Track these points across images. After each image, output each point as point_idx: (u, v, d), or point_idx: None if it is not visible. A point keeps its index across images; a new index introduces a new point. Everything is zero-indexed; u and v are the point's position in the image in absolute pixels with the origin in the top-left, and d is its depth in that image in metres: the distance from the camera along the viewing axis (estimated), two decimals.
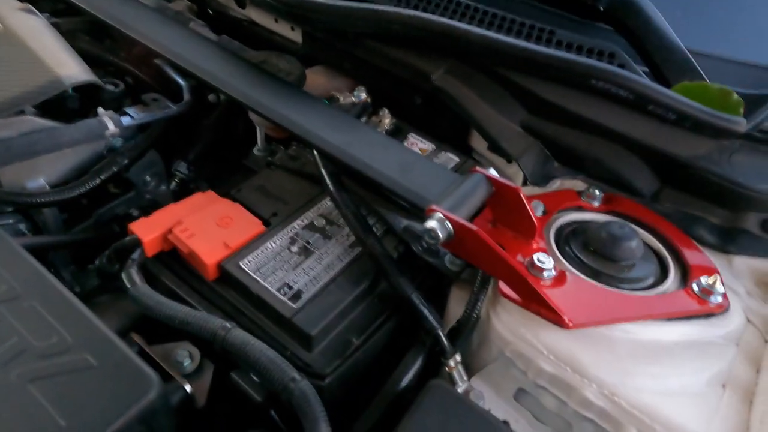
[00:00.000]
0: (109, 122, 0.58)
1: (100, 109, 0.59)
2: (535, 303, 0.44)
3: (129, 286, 0.48)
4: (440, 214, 0.45)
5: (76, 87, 0.64)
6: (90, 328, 0.40)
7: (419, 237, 0.54)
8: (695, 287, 0.48)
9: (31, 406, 0.35)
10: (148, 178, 0.70)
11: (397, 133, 0.67)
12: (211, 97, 0.80)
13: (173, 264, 0.52)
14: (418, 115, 0.70)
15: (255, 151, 0.69)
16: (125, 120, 0.60)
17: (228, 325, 0.44)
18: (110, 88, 0.65)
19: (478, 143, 0.68)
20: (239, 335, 0.43)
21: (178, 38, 0.67)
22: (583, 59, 0.56)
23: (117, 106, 0.63)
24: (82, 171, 0.62)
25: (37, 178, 0.59)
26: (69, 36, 0.69)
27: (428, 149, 0.65)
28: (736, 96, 0.55)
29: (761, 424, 0.41)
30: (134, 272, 0.49)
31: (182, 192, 0.72)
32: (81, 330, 0.40)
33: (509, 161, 0.65)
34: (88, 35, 0.74)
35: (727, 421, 0.41)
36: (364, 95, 0.69)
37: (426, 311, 0.48)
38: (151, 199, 0.71)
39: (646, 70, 0.63)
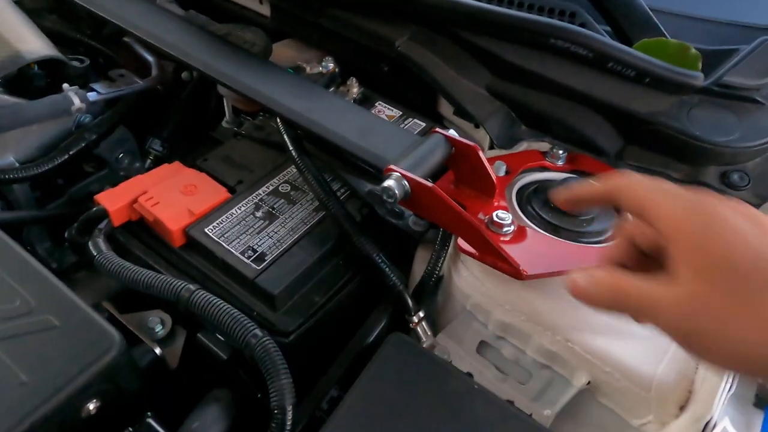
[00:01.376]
0: (74, 97, 0.58)
1: (66, 85, 0.59)
2: (491, 256, 0.45)
3: (95, 254, 0.49)
4: (398, 173, 0.46)
5: (42, 65, 0.64)
6: (52, 291, 0.41)
7: (382, 199, 0.56)
8: None
9: None
10: (120, 155, 0.71)
11: (365, 102, 0.68)
12: (185, 75, 0.81)
13: (140, 233, 0.53)
14: (386, 83, 0.70)
15: (223, 123, 0.70)
16: (91, 96, 0.60)
17: (192, 287, 0.45)
18: (75, 64, 0.65)
19: (446, 109, 0.68)
20: (202, 296, 0.44)
21: (144, 14, 0.67)
22: (541, 19, 0.56)
23: (83, 83, 0.63)
24: (51, 148, 0.62)
25: (6, 155, 0.59)
26: (34, 14, 0.69)
27: (396, 116, 0.66)
28: (694, 51, 0.56)
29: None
30: (100, 241, 0.50)
31: None
32: (44, 293, 0.41)
33: (476, 125, 0.65)
34: (53, 14, 0.74)
35: (676, 363, 0.43)
36: (332, 65, 0.69)
37: (388, 269, 0.49)
38: (125, 176, 0.72)
39: (609, 29, 0.64)
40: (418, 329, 0.50)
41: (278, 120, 0.55)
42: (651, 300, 0.30)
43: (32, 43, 0.58)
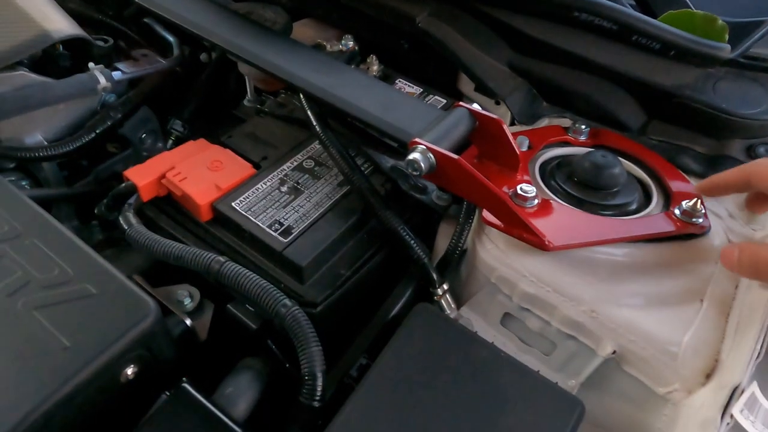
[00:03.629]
0: (100, 76, 0.59)
1: (91, 64, 0.60)
2: (516, 228, 0.46)
3: (126, 227, 0.50)
4: (423, 146, 0.46)
5: (67, 45, 0.65)
6: (89, 261, 0.42)
7: (405, 174, 0.56)
8: (676, 211, 0.49)
9: (37, 330, 0.38)
10: (143, 135, 0.72)
11: (385, 79, 0.68)
12: (203, 56, 0.81)
13: (168, 208, 0.54)
14: (406, 60, 0.70)
15: (245, 101, 0.70)
16: (116, 75, 0.61)
17: (221, 258, 0.46)
18: (100, 43, 0.66)
19: (467, 86, 0.68)
20: (232, 267, 0.45)
21: None
22: None
23: (108, 62, 0.64)
24: (77, 127, 0.64)
25: (35, 134, 0.61)
26: None
27: (416, 93, 0.66)
28: (720, 22, 0.55)
29: (736, 333, 0.42)
30: (131, 215, 0.51)
31: None
32: (81, 263, 0.42)
33: (497, 102, 0.65)
34: None
35: (703, 331, 0.43)
36: (351, 43, 0.69)
37: (412, 242, 0.50)
38: (148, 156, 0.73)
39: (633, 3, 0.63)
40: (442, 302, 0.50)
41: (302, 96, 0.55)
42: None
43: (58, 23, 0.59)
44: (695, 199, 0.49)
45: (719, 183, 0.44)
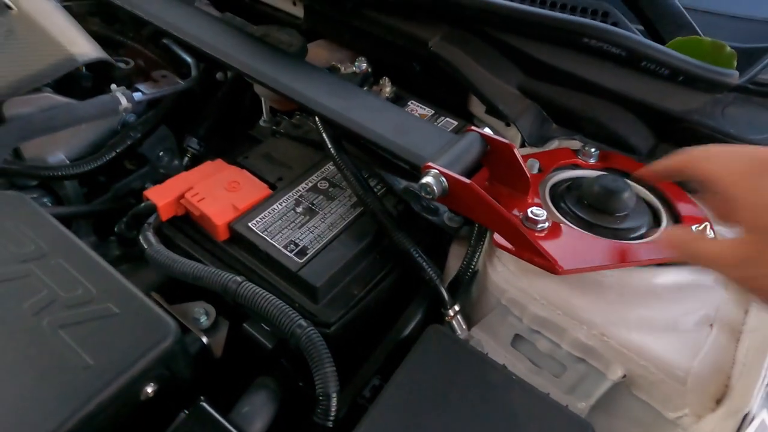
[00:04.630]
0: (122, 98, 0.61)
1: (113, 86, 0.62)
2: (527, 251, 0.46)
3: (146, 246, 0.51)
4: (436, 170, 0.48)
5: (89, 66, 0.67)
6: (112, 281, 0.44)
7: (418, 195, 0.57)
8: None
9: (62, 348, 0.39)
10: (161, 153, 0.73)
11: (397, 101, 0.69)
12: (219, 75, 0.83)
13: (186, 227, 0.55)
14: (418, 82, 0.71)
15: (261, 122, 0.72)
16: (137, 96, 0.63)
17: (238, 278, 0.47)
18: (121, 65, 0.68)
19: (477, 108, 0.69)
20: (249, 287, 0.46)
21: (184, 16, 0.69)
22: (574, 18, 0.57)
23: (128, 84, 0.66)
24: (98, 146, 0.66)
25: (57, 153, 0.62)
26: (80, 18, 0.72)
27: (428, 115, 0.67)
28: (729, 49, 0.56)
29: (746, 358, 0.42)
30: (150, 235, 0.52)
31: (194, 167, 0.75)
32: (104, 283, 0.43)
33: (507, 124, 0.67)
34: (98, 17, 0.77)
35: (712, 357, 0.43)
36: (365, 65, 0.71)
37: (425, 263, 0.50)
38: (165, 174, 0.75)
39: (641, 28, 0.64)
40: (454, 323, 0.51)
41: (317, 119, 0.56)
42: (716, 252, 0.36)
43: (83, 46, 0.61)
44: (704, 224, 0.50)
45: (656, 169, 0.45)
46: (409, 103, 0.68)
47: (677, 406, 0.43)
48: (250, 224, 0.52)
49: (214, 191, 0.54)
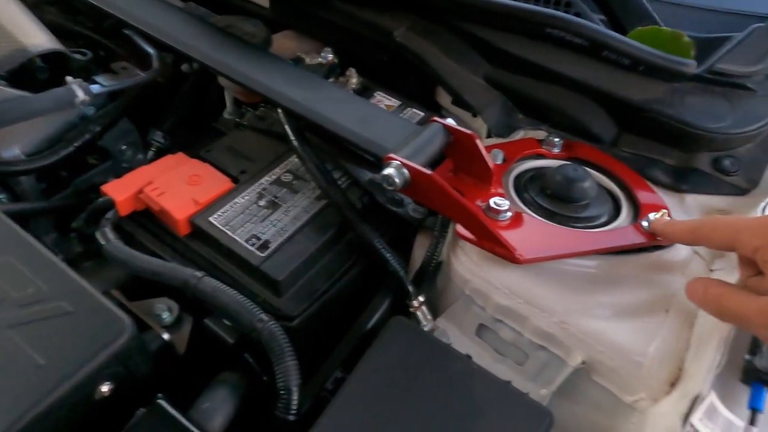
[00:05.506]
0: (78, 90, 0.59)
1: (69, 78, 0.60)
2: (488, 241, 0.47)
3: (103, 242, 0.50)
4: (397, 162, 0.47)
5: (45, 58, 0.65)
6: (65, 279, 0.42)
7: (382, 187, 0.57)
8: (644, 223, 0.50)
9: (11, 349, 0.38)
10: (123, 147, 0.72)
11: (364, 92, 0.69)
12: (184, 67, 0.81)
13: (147, 223, 0.54)
14: (385, 73, 0.71)
15: (225, 114, 0.71)
16: (94, 88, 0.61)
17: (198, 273, 0.46)
18: (78, 57, 0.66)
19: (444, 99, 0.69)
20: (209, 282, 0.46)
21: (144, 6, 0.68)
22: (537, 8, 0.57)
23: (86, 75, 0.64)
24: (56, 140, 0.63)
25: (12, 148, 0.60)
26: (36, 8, 0.70)
27: (394, 106, 0.67)
28: (687, 39, 0.57)
29: (699, 343, 0.43)
30: (108, 230, 0.51)
31: None
32: (57, 281, 0.42)
33: (474, 114, 0.67)
34: (53, 6, 0.75)
35: (668, 341, 0.44)
36: (331, 56, 0.70)
37: (388, 255, 0.50)
38: (128, 168, 0.73)
39: (604, 18, 0.65)
40: (418, 313, 0.51)
41: (280, 111, 0.56)
42: (743, 312, 0.37)
43: (36, 37, 0.59)
44: (662, 212, 0.50)
45: (667, 233, 0.47)
46: (375, 94, 0.68)
47: (634, 390, 0.44)
48: (211, 218, 0.51)
49: (175, 185, 0.53)
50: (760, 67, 0.57)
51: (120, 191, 0.52)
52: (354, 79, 0.69)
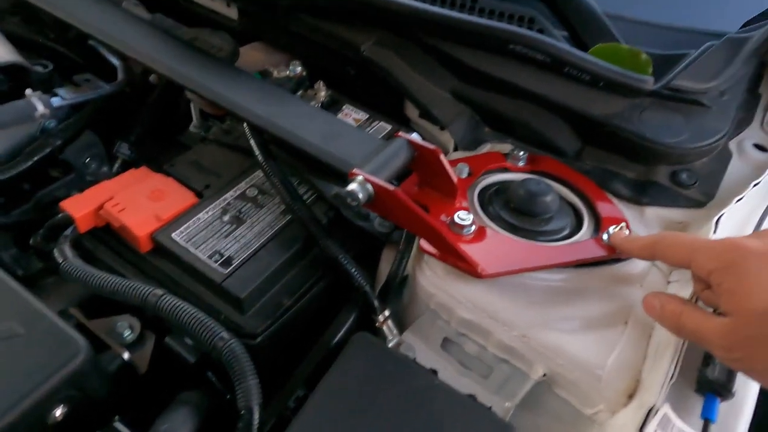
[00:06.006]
0: (38, 103, 0.58)
1: (28, 91, 0.59)
2: (451, 256, 0.47)
3: (60, 260, 0.49)
4: (361, 177, 0.47)
5: (4, 70, 0.64)
6: (16, 299, 0.41)
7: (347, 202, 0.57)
8: (604, 236, 0.51)
9: None
10: (87, 159, 0.70)
11: (332, 105, 0.69)
12: (152, 77, 0.80)
13: (108, 239, 0.53)
14: (354, 86, 0.71)
15: (191, 127, 0.70)
16: (55, 101, 0.60)
17: (159, 291, 0.46)
18: (39, 69, 0.65)
19: (413, 112, 0.70)
20: (169, 300, 0.45)
21: (108, 17, 0.67)
22: (501, 25, 0.58)
23: (47, 88, 0.63)
24: (16, 154, 0.62)
25: None
26: None
27: (362, 119, 0.67)
28: (645, 56, 0.59)
29: (655, 354, 0.44)
30: (66, 248, 0.50)
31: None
32: (7, 301, 0.41)
33: (442, 128, 0.67)
34: (16, 17, 0.73)
35: (626, 353, 0.45)
36: (299, 69, 0.70)
37: (353, 270, 0.50)
38: (92, 181, 0.72)
39: (566, 34, 0.66)
40: (384, 328, 0.51)
41: (245, 125, 0.55)
42: (702, 331, 0.38)
43: None
44: (621, 224, 0.52)
45: (626, 248, 0.48)
46: (343, 108, 0.68)
47: (593, 403, 0.44)
48: (173, 235, 0.50)
49: (136, 201, 0.52)
50: (714, 84, 0.59)
51: (79, 207, 0.51)
52: (322, 92, 0.69)
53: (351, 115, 0.68)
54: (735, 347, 0.36)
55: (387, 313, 0.51)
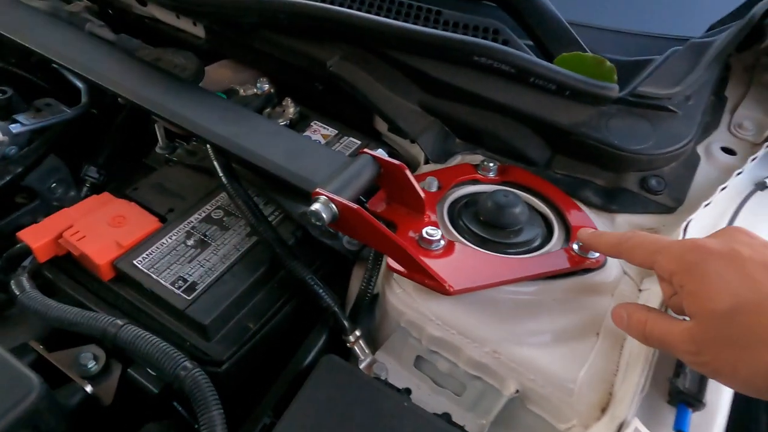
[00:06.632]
0: None
1: None
2: (419, 273, 0.46)
3: (18, 293, 0.48)
4: (324, 197, 0.47)
5: None
6: None
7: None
8: (575, 246, 0.51)
9: None
10: (53, 185, 0.69)
11: (301, 121, 0.68)
12: (121, 98, 0.79)
13: (70, 268, 0.52)
14: (322, 101, 0.71)
15: (157, 149, 0.69)
16: (14, 127, 0.59)
17: (119, 321, 0.44)
18: None
19: (382, 125, 0.70)
20: (129, 330, 0.44)
21: (69, 41, 0.66)
22: (465, 37, 0.58)
23: (6, 114, 0.62)
24: None
25: None
26: None
27: (331, 135, 0.66)
28: (609, 64, 0.59)
29: (627, 366, 0.44)
30: (24, 279, 0.49)
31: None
32: None
33: (412, 141, 0.67)
34: None
35: (597, 366, 0.44)
36: (267, 86, 0.70)
37: (321, 291, 0.49)
38: (59, 206, 0.70)
39: (531, 44, 0.66)
40: (356, 348, 0.50)
41: (208, 146, 0.54)
42: (667, 338, 0.37)
43: None
44: (580, 240, 0.51)
45: (593, 245, 0.48)
46: (312, 123, 0.68)
47: (566, 417, 0.44)
48: (135, 261, 0.49)
49: (97, 228, 0.51)
50: (679, 89, 0.60)
51: (37, 237, 0.50)
52: (291, 109, 0.68)
53: (320, 130, 0.67)
54: (701, 351, 0.35)
55: (358, 333, 0.50)
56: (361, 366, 0.50)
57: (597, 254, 0.50)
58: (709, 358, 0.35)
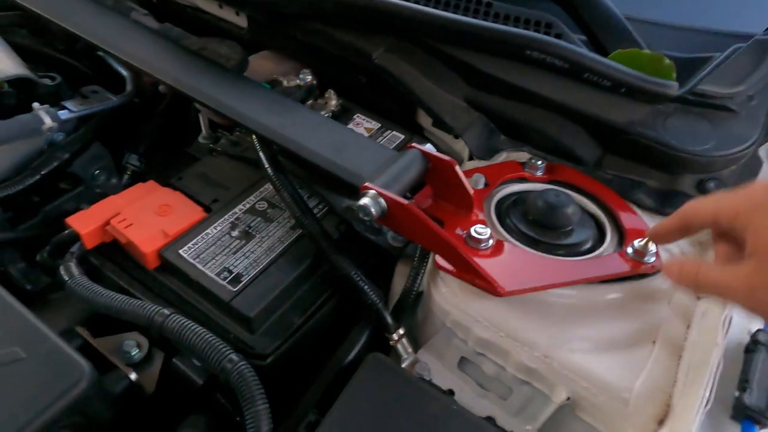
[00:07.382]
0: (45, 116, 0.57)
1: (36, 104, 0.58)
2: (468, 273, 0.45)
3: (66, 278, 0.48)
4: (374, 191, 0.46)
5: (12, 83, 0.63)
6: (19, 321, 0.40)
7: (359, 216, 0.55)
8: (629, 250, 0.49)
9: None
10: (96, 171, 0.70)
11: (344, 114, 0.67)
12: (162, 87, 0.80)
13: (115, 255, 0.52)
14: (365, 94, 0.70)
15: (200, 138, 0.69)
16: (63, 114, 0.59)
17: (166, 311, 0.44)
18: (46, 82, 0.64)
19: (425, 120, 0.68)
20: (176, 320, 0.43)
21: (116, 29, 0.66)
22: (517, 30, 0.56)
23: (55, 100, 0.62)
24: (23, 168, 0.61)
25: None
26: (5, 31, 0.68)
27: (374, 128, 0.65)
28: (667, 61, 0.56)
29: (686, 377, 0.42)
30: (72, 265, 0.49)
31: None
32: (10, 324, 0.40)
33: (456, 136, 0.65)
34: (23, 29, 0.73)
35: (655, 375, 0.43)
36: (309, 78, 0.69)
37: (366, 287, 0.49)
38: (102, 193, 0.71)
39: (585, 38, 0.64)
40: (398, 346, 0.49)
41: (254, 137, 0.54)
42: (721, 282, 0.36)
43: (2, 62, 0.57)
44: (646, 239, 0.49)
45: (660, 232, 0.45)
46: (355, 117, 0.67)
47: (620, 428, 0.42)
48: (181, 251, 0.49)
49: (144, 216, 0.51)
50: (742, 88, 0.57)
51: (85, 224, 0.50)
52: (333, 101, 0.68)
53: (362, 123, 0.66)
54: (759, 288, 0.34)
55: (401, 331, 0.49)
56: (403, 365, 0.49)
57: (653, 259, 0.48)
58: (764, 298, 0.34)
